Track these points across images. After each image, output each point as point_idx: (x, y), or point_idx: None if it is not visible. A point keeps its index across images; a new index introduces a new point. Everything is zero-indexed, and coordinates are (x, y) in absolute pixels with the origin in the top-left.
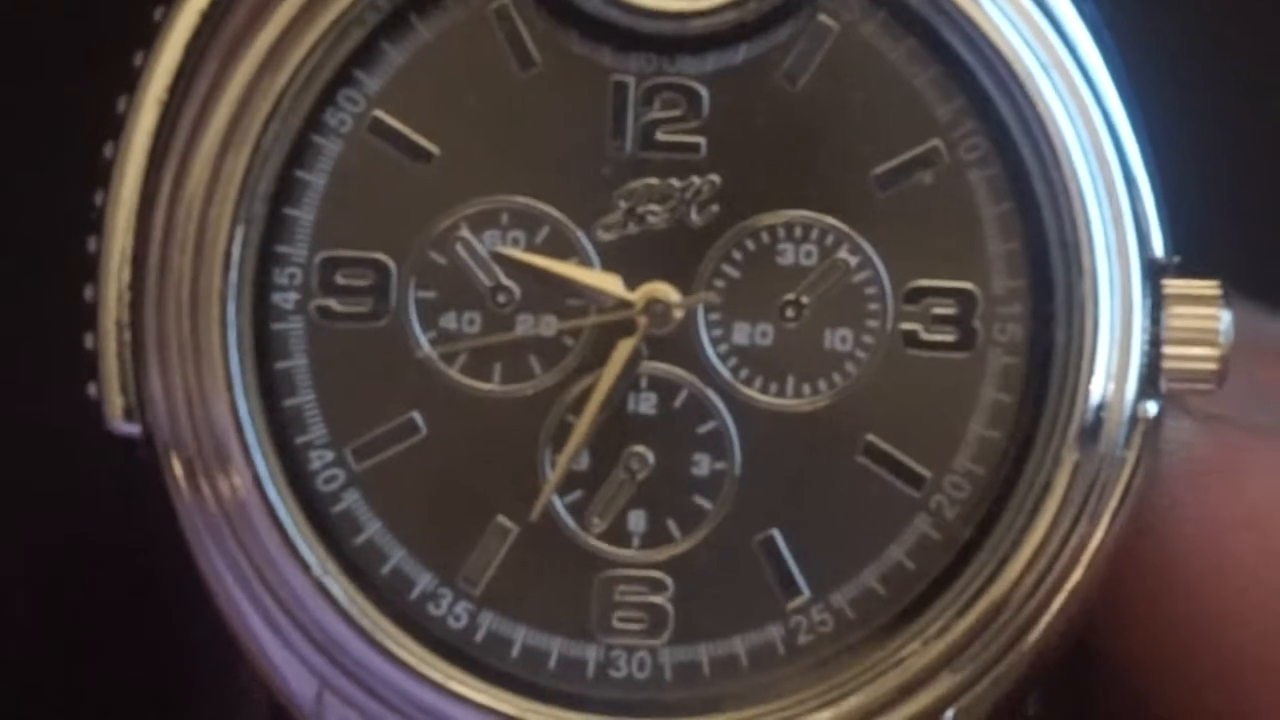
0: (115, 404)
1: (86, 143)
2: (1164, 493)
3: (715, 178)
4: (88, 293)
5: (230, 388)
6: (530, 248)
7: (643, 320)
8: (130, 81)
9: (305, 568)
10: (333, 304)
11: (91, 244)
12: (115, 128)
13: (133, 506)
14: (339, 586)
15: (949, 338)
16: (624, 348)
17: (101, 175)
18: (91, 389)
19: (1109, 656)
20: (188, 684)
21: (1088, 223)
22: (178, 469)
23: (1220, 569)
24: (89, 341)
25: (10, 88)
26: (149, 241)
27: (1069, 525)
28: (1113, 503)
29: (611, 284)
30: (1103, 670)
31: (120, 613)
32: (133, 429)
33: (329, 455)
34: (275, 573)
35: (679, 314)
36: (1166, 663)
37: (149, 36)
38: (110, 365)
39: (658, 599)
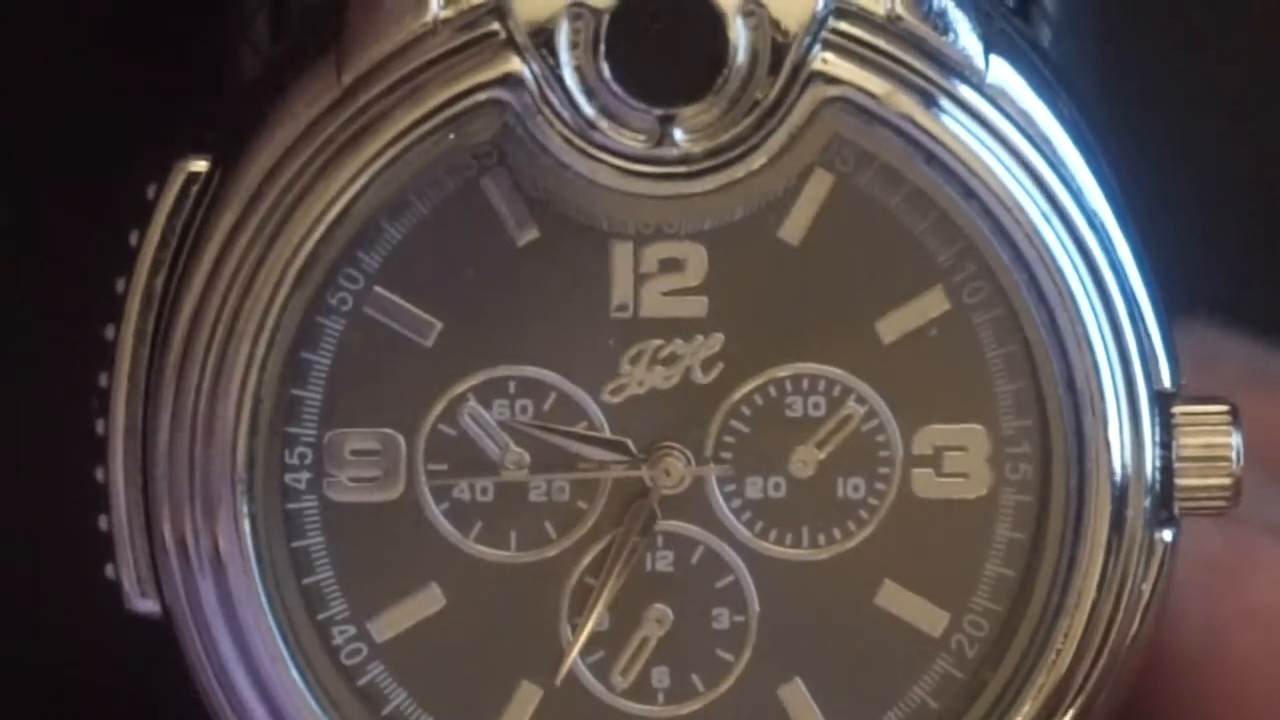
0: (132, 584)
1: (88, 323)
2: (1171, 590)
3: (720, 335)
4: (99, 474)
5: (248, 573)
6: (539, 415)
7: (655, 482)
8: (128, 262)
9: None
10: (344, 481)
11: (100, 426)
12: (116, 309)
13: (156, 684)
14: None
15: (961, 479)
16: (639, 512)
17: (105, 357)
18: (109, 569)
19: None
20: None
21: (1095, 366)
22: (200, 651)
23: (1224, 667)
24: (103, 523)
25: (12, 268)
26: (158, 426)
27: (1090, 660)
28: (1131, 632)
29: (621, 448)
30: None
31: None
32: (151, 607)
33: (350, 630)
34: None
35: (690, 477)
36: None
37: (143, 215)
38: (124, 546)
39: None
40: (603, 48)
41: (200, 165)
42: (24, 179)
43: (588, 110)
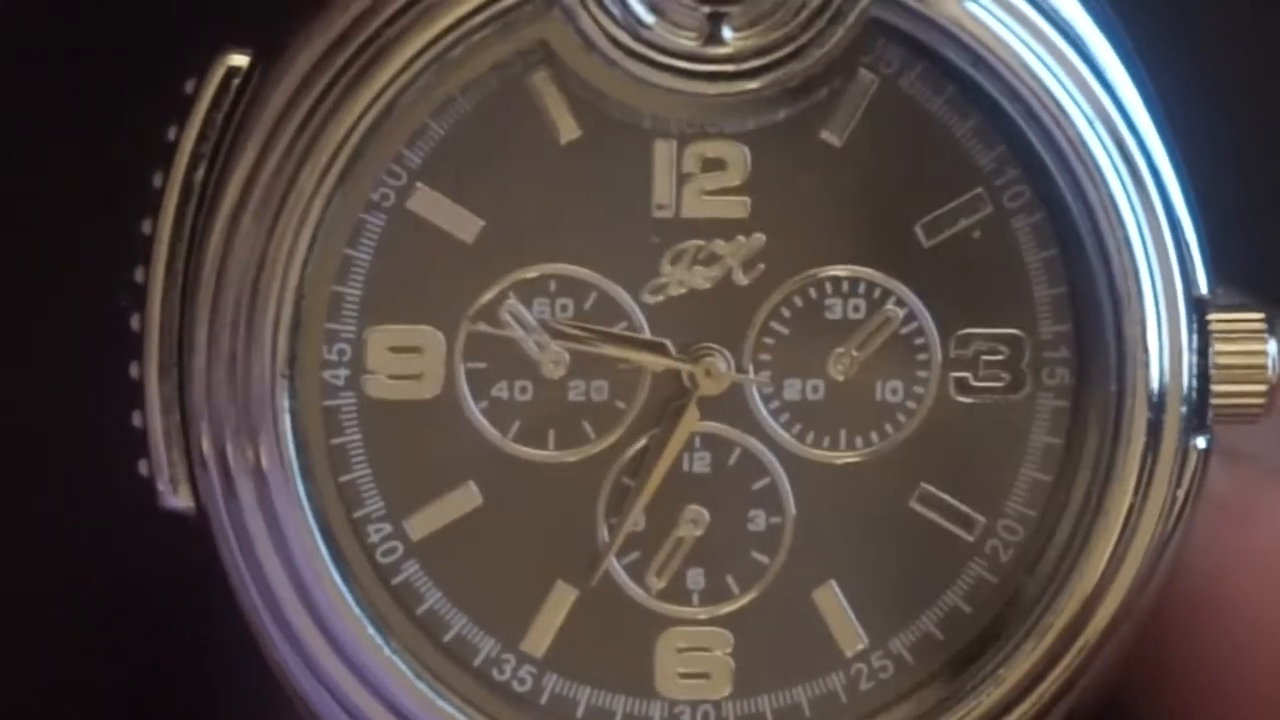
0: (165, 480)
1: (128, 218)
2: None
3: (761, 236)
4: (133, 370)
5: (286, 470)
6: (579, 315)
7: (694, 383)
8: (166, 157)
9: (376, 647)
10: (383, 378)
11: (135, 321)
12: (153, 204)
13: (188, 582)
14: (406, 663)
15: (998, 384)
16: (680, 414)
17: (142, 252)
18: (142, 466)
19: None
20: None
21: (1135, 270)
22: (235, 549)
23: (1222, 606)
24: (136, 419)
25: (51, 165)
26: (195, 321)
27: (1125, 566)
28: (1165, 539)
29: (661, 350)
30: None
31: (177, 689)
32: (185, 504)
33: (386, 528)
34: (344, 649)
35: (729, 378)
36: (1167, 698)
37: (182, 110)
38: (158, 442)
39: (719, 653)
40: None
41: (241, 60)
42: (58, 70)
43: (637, 7)
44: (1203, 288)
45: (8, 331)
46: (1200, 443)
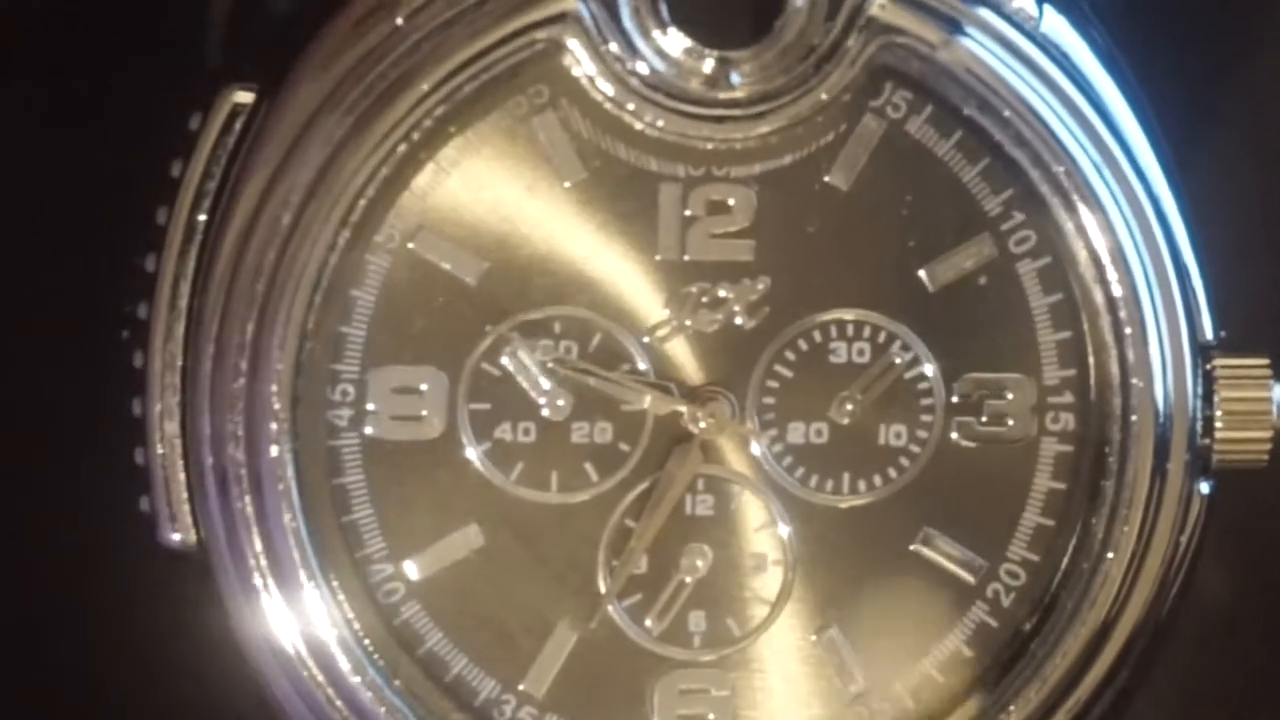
0: (167, 517)
1: (131, 253)
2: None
3: (766, 279)
4: (135, 407)
5: (289, 509)
6: (583, 356)
7: (697, 425)
8: (169, 193)
9: (376, 687)
10: (386, 418)
11: (137, 358)
12: (156, 240)
13: (189, 619)
14: (406, 703)
15: (1002, 428)
16: (684, 456)
17: (145, 288)
18: (143, 503)
19: None
20: None
21: (1140, 315)
22: (238, 588)
23: None
24: (139, 456)
25: (56, 199)
26: (198, 358)
27: (1128, 611)
28: (1169, 583)
29: (665, 392)
30: None
31: None
32: (187, 541)
33: (388, 569)
34: (345, 689)
35: (734, 424)
36: None
37: (187, 145)
38: (159, 479)
39: (719, 695)
40: None
41: (246, 97)
42: (63, 105)
43: (644, 51)
44: (1208, 333)
45: (7, 368)
46: (1204, 488)
